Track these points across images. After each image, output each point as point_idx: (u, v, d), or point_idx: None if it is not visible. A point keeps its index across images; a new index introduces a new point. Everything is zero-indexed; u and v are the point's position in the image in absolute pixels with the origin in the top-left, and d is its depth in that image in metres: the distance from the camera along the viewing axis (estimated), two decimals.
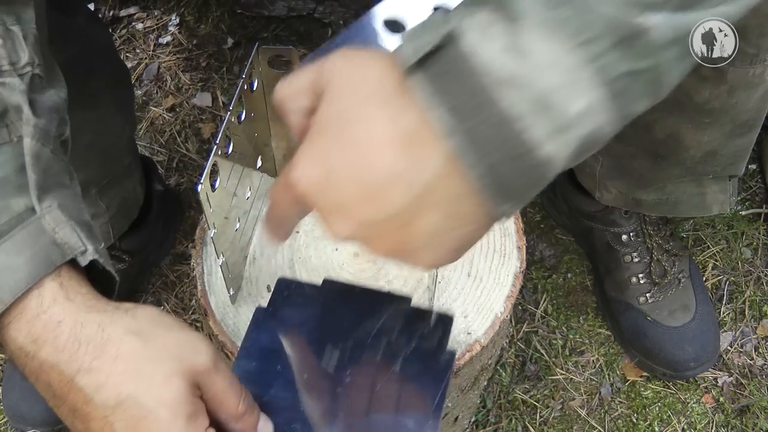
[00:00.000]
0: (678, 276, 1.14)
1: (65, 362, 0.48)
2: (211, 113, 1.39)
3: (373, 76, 0.44)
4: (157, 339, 0.50)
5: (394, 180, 0.43)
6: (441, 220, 0.44)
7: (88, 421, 0.49)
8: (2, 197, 0.50)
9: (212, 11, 1.48)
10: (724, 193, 1.00)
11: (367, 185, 0.43)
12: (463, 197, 0.43)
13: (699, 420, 1.13)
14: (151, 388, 0.48)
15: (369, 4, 0.65)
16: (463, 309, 0.75)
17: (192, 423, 0.48)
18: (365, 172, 0.43)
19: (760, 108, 0.85)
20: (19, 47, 0.53)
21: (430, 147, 0.42)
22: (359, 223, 0.44)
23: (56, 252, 0.50)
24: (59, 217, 0.51)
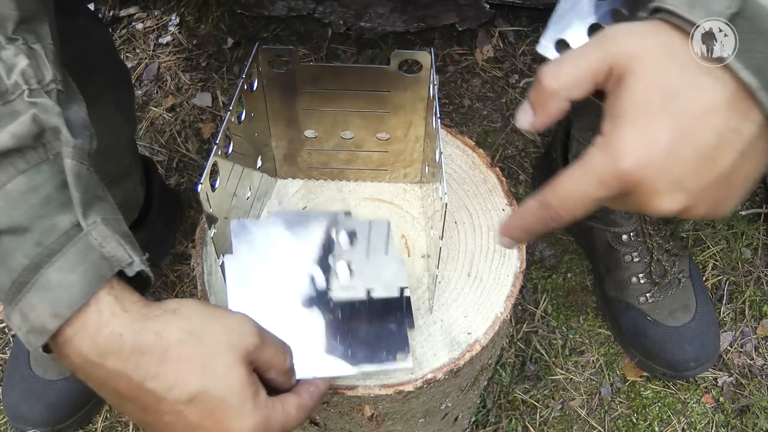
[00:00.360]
0: (678, 276, 1.14)
1: (132, 370, 0.52)
2: (211, 113, 1.39)
3: (677, 49, 0.46)
4: (209, 333, 0.54)
5: (725, 141, 0.46)
6: (752, 168, 0.48)
7: (161, 415, 0.53)
8: (48, 216, 0.52)
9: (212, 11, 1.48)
10: None
11: (704, 152, 0.46)
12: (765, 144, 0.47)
13: (699, 420, 1.13)
14: (217, 380, 0.53)
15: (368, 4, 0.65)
16: (463, 309, 0.76)
17: (256, 400, 0.54)
18: (702, 140, 0.46)
19: None
20: (42, 65, 0.54)
21: (748, 104, 0.45)
22: (691, 192, 0.47)
23: (106, 266, 0.52)
24: (104, 232, 0.53)
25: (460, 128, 1.37)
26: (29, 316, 0.51)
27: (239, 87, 0.68)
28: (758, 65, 0.45)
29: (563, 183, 0.49)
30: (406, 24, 1.41)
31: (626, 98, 0.47)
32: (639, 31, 0.48)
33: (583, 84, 0.49)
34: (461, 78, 1.43)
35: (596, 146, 0.48)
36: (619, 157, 0.46)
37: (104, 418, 1.12)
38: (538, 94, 0.50)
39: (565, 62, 0.49)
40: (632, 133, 0.46)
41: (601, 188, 0.48)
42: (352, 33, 1.43)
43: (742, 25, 0.45)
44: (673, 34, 0.47)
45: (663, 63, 0.46)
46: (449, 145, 0.86)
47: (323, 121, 0.78)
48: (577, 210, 0.50)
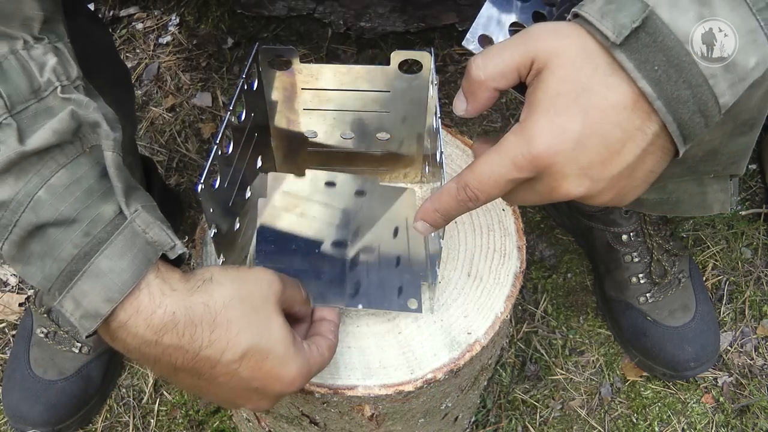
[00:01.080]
0: (678, 276, 1.14)
1: (188, 343, 0.56)
2: (211, 113, 1.39)
3: (591, 51, 0.51)
4: (244, 292, 0.58)
5: (630, 138, 0.51)
6: (653, 164, 0.54)
7: (214, 378, 0.58)
8: (93, 207, 0.54)
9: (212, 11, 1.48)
10: (725, 193, 0.99)
11: (609, 144, 0.51)
12: (666, 146, 0.53)
13: (699, 420, 1.13)
14: (262, 333, 0.58)
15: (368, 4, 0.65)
16: (463, 309, 0.75)
17: (297, 345, 0.60)
18: (608, 133, 0.51)
19: (761, 107, 0.85)
20: (67, 62, 0.56)
21: (650, 107, 0.50)
22: (596, 180, 0.52)
23: (151, 250, 0.56)
24: (147, 219, 0.56)
25: (460, 128, 1.37)
26: (82, 303, 0.54)
27: (239, 87, 0.68)
28: (656, 77, 0.49)
29: (481, 165, 0.53)
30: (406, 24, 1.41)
31: (542, 90, 0.51)
32: (559, 31, 0.52)
33: (507, 75, 0.54)
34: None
35: (512, 132, 0.52)
36: (532, 141, 0.51)
37: (104, 418, 1.12)
38: (469, 85, 0.55)
39: (491, 55, 0.54)
40: (544, 120, 0.51)
41: (515, 170, 0.52)
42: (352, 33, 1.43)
43: (644, 38, 0.49)
44: (588, 38, 0.51)
45: (577, 61, 0.51)
46: (449, 145, 0.86)
47: (323, 121, 0.78)
48: (494, 190, 0.54)
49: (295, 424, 0.81)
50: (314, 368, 0.62)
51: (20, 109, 0.53)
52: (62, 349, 1.09)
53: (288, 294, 0.62)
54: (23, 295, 1.22)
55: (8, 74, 0.53)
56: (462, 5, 1.40)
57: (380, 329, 0.75)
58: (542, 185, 0.53)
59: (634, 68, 0.50)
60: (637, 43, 0.49)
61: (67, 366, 1.08)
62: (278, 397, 0.60)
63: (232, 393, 0.59)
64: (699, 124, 0.51)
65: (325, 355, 0.64)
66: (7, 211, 0.53)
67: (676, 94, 0.50)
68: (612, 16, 0.50)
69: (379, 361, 0.72)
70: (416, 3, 1.37)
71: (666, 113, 0.50)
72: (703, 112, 0.51)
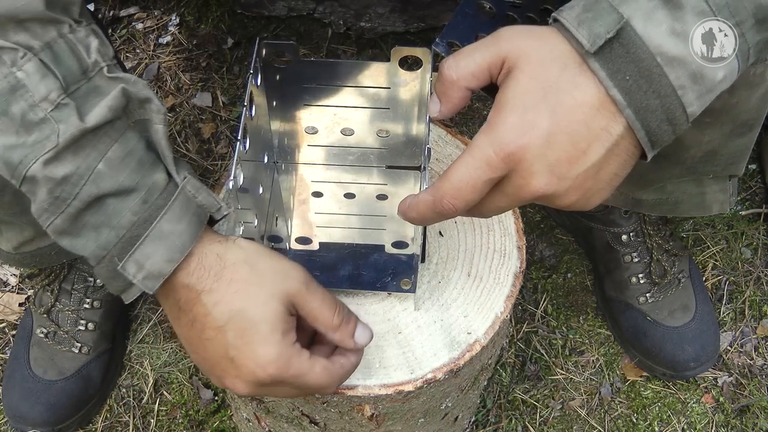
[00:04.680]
0: (678, 276, 1.14)
1: (194, 283, 0.58)
2: (211, 113, 1.39)
3: (561, 52, 0.52)
4: (259, 267, 0.60)
5: (595, 137, 0.52)
6: (617, 166, 0.54)
7: (204, 329, 0.59)
8: (148, 176, 0.57)
9: (212, 11, 1.48)
10: (724, 193, 1.00)
11: (576, 142, 0.52)
12: (631, 150, 0.53)
13: (699, 420, 1.13)
14: (256, 306, 0.58)
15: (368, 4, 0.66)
16: (463, 309, 0.76)
17: (285, 337, 0.59)
18: (575, 131, 0.51)
19: (760, 107, 0.85)
20: (105, 43, 0.59)
21: (616, 109, 0.52)
22: (563, 178, 0.53)
23: (202, 213, 0.59)
24: (195, 184, 0.59)
25: (460, 128, 1.37)
26: (145, 265, 0.57)
27: (249, 81, 0.68)
28: (627, 87, 0.51)
29: (454, 172, 0.54)
30: (406, 24, 1.41)
31: (511, 89, 0.52)
32: (531, 33, 0.54)
33: (478, 75, 0.55)
34: None
35: (481, 132, 0.53)
36: (502, 138, 0.52)
37: (104, 418, 1.12)
38: (441, 85, 0.56)
39: (463, 56, 0.55)
40: (514, 117, 0.52)
41: (489, 169, 0.53)
42: (352, 33, 1.43)
43: (617, 49, 0.51)
44: (561, 40, 0.52)
45: (547, 61, 0.52)
46: (449, 145, 0.86)
47: (323, 117, 0.78)
48: (471, 195, 0.54)
49: (295, 424, 0.81)
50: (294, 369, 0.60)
51: (73, 90, 0.56)
52: (62, 349, 1.09)
53: (309, 304, 0.61)
54: (23, 295, 1.22)
55: (60, 57, 0.55)
56: None
57: (380, 329, 0.75)
58: (511, 185, 0.54)
59: (606, 77, 0.51)
60: (611, 53, 0.51)
61: (67, 366, 1.08)
62: (252, 379, 0.59)
63: (213, 355, 0.60)
64: (667, 132, 0.53)
65: (315, 369, 0.61)
66: (67, 185, 0.55)
67: (645, 103, 0.51)
68: (588, 25, 0.51)
69: (379, 361, 0.73)
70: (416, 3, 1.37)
71: (635, 120, 0.52)
72: (671, 120, 0.52)
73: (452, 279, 0.78)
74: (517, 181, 0.53)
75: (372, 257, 0.77)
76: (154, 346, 1.18)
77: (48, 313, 1.10)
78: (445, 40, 0.64)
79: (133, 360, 1.17)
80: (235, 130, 0.67)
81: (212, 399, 1.13)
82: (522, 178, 0.53)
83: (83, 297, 1.10)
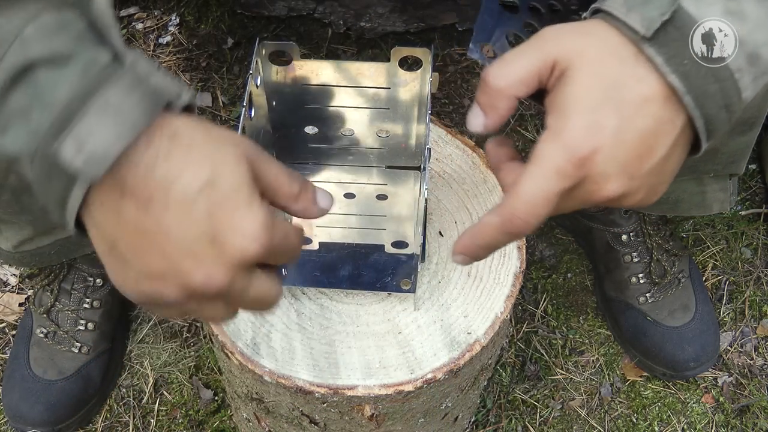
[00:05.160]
0: (678, 276, 1.14)
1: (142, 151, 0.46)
2: (211, 113, 1.39)
3: (614, 44, 0.49)
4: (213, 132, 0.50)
5: (662, 130, 0.50)
6: (678, 160, 0.52)
7: (167, 210, 0.47)
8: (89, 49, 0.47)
9: (212, 11, 1.48)
10: (724, 192, 0.99)
11: (645, 138, 0.49)
12: (688, 141, 0.52)
13: (699, 420, 1.13)
14: (228, 169, 0.48)
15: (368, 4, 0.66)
16: (463, 309, 0.76)
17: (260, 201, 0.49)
18: (643, 127, 0.49)
19: (761, 106, 0.85)
20: None
21: (678, 101, 0.49)
22: (633, 177, 0.50)
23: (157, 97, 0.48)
24: (148, 65, 0.48)
25: (460, 128, 1.37)
26: (87, 143, 0.45)
27: (248, 82, 0.68)
28: (685, 71, 0.48)
29: (525, 187, 0.50)
30: (406, 24, 1.41)
31: (570, 91, 0.49)
32: (576, 30, 0.51)
33: (528, 82, 0.51)
34: (461, 78, 1.43)
35: (546, 141, 0.50)
36: (572, 144, 0.49)
37: (104, 418, 1.12)
38: (486, 96, 0.52)
39: (509, 62, 0.51)
40: (580, 121, 0.49)
41: (562, 180, 0.49)
42: (352, 33, 1.43)
43: (672, 33, 0.48)
44: (612, 32, 0.50)
45: (602, 57, 0.49)
46: (449, 145, 0.86)
47: (323, 117, 0.78)
48: (544, 210, 0.50)
49: (295, 424, 0.81)
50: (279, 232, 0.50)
51: None
52: (62, 349, 1.09)
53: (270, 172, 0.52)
54: (23, 295, 1.22)
55: None
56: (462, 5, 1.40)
57: (380, 329, 0.75)
58: (582, 190, 0.50)
59: (664, 62, 0.48)
60: (666, 38, 0.48)
61: (66, 366, 1.08)
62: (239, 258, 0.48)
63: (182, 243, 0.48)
64: (723, 120, 0.50)
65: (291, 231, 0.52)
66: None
67: (704, 88, 0.49)
68: (639, 10, 0.49)
69: (379, 361, 0.73)
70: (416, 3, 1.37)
71: (694, 108, 0.49)
72: (728, 107, 0.50)
73: (452, 279, 0.78)
74: (590, 187, 0.50)
75: (372, 257, 0.77)
76: (154, 346, 1.18)
77: (48, 313, 1.10)
78: (478, 43, 0.62)
79: (133, 360, 1.17)
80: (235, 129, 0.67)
81: (212, 399, 1.13)
82: (595, 183, 0.50)
83: (83, 297, 1.10)
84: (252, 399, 0.81)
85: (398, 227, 0.78)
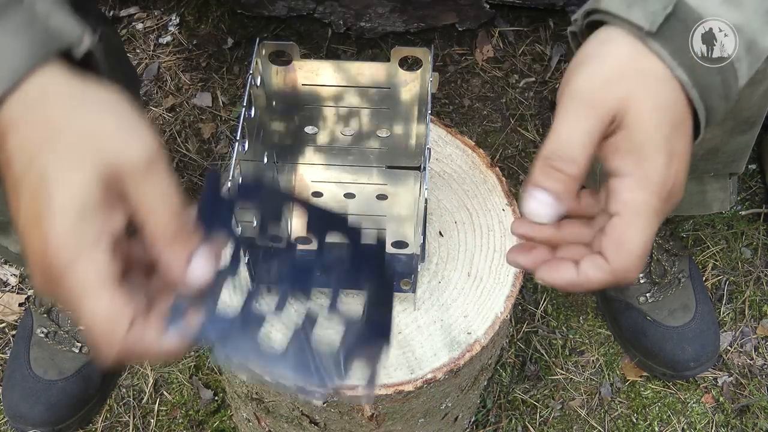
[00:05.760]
0: (678, 276, 1.14)
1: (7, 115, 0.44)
2: (211, 113, 1.39)
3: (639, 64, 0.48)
4: (94, 118, 0.44)
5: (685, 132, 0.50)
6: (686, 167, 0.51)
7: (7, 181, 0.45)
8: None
9: (212, 11, 1.48)
10: (724, 191, 1.00)
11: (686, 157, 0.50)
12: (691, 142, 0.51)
13: (699, 420, 1.13)
14: (62, 168, 0.43)
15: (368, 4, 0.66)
16: (463, 309, 0.76)
17: (84, 220, 0.42)
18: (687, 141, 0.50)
19: (761, 105, 0.85)
20: None
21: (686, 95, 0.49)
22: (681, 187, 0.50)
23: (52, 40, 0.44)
24: (53, 3, 0.45)
25: (460, 128, 1.37)
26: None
27: (248, 82, 0.68)
28: (690, 64, 0.48)
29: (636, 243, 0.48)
30: (406, 24, 1.41)
31: (637, 135, 0.48)
32: (610, 76, 0.49)
33: (591, 151, 0.49)
34: (461, 78, 1.43)
35: (634, 189, 0.48)
36: (663, 183, 0.48)
37: (104, 418, 1.12)
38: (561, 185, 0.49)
39: (572, 145, 0.48)
40: (659, 159, 0.48)
41: (658, 219, 0.49)
42: (352, 33, 1.43)
43: (675, 26, 0.48)
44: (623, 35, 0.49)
45: (643, 83, 0.49)
46: (449, 145, 0.86)
47: (323, 117, 0.78)
48: (646, 256, 0.49)
49: (295, 424, 0.81)
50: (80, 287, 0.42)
51: None
52: (62, 349, 1.09)
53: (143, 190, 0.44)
54: (23, 295, 1.22)
55: None
56: (462, 5, 1.40)
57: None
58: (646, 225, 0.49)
59: (669, 56, 0.48)
60: (670, 31, 0.48)
61: (67, 366, 1.08)
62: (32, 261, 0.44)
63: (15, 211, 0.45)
64: (721, 110, 0.51)
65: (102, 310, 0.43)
66: None
67: (708, 80, 0.49)
68: (641, 6, 0.48)
69: None
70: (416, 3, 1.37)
71: (699, 101, 0.49)
72: (727, 96, 0.50)
73: (452, 279, 0.78)
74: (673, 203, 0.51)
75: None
76: None
77: (48, 313, 1.10)
78: None
79: None
80: (235, 130, 0.67)
81: (212, 399, 1.13)
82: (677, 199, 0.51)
83: None
84: (252, 399, 0.81)
85: (398, 227, 0.78)
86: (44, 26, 0.44)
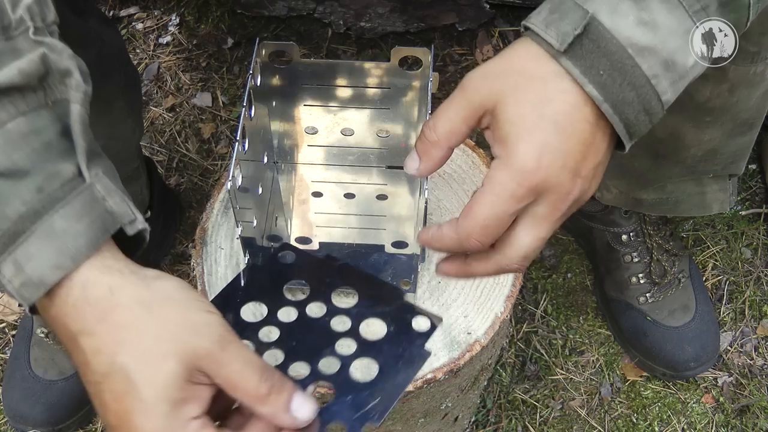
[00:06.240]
0: (678, 276, 1.14)
1: (71, 319, 0.47)
2: (211, 113, 1.39)
3: (532, 69, 0.52)
4: (160, 314, 0.48)
5: (596, 129, 0.53)
6: (610, 155, 0.55)
7: (86, 380, 0.49)
8: (51, 162, 0.48)
9: (212, 11, 1.48)
10: (724, 192, 1.00)
11: (585, 140, 0.52)
12: (613, 141, 0.54)
13: (699, 420, 1.13)
14: (145, 364, 0.47)
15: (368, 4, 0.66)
16: (463, 309, 0.75)
17: (176, 410, 0.47)
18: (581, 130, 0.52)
19: (760, 106, 0.85)
20: (44, 4, 0.50)
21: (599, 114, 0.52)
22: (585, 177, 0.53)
23: (110, 220, 0.48)
24: (108, 185, 0.49)
25: None
26: (25, 267, 0.47)
27: (248, 82, 0.68)
28: (602, 81, 0.51)
29: (480, 212, 0.53)
30: (406, 24, 1.41)
31: (506, 123, 0.52)
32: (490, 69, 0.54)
33: (457, 132, 0.55)
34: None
35: (497, 168, 0.53)
36: (523, 168, 0.51)
37: None
38: (422, 144, 0.57)
39: (440, 115, 0.56)
40: (524, 144, 0.52)
41: (515, 202, 0.52)
42: (352, 33, 1.43)
43: (587, 45, 0.51)
44: (533, 47, 0.53)
45: (524, 84, 0.52)
46: None
47: (323, 117, 0.78)
48: (498, 230, 0.54)
49: None
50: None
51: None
52: (62, 349, 1.09)
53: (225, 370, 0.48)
54: None
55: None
56: (462, 5, 1.40)
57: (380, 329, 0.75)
58: (545, 206, 0.53)
59: (580, 74, 0.51)
60: (581, 50, 0.51)
61: (67, 366, 1.08)
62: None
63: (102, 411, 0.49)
64: (644, 122, 0.53)
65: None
66: None
67: (621, 96, 0.51)
68: (555, 26, 0.51)
69: None
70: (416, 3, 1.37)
71: (612, 114, 0.52)
72: (647, 110, 0.52)
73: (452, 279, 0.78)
74: (552, 199, 0.53)
75: (372, 257, 0.76)
76: None
77: None
78: None
79: None
80: (235, 130, 0.67)
81: None
82: (555, 194, 0.53)
83: None
84: None
85: (398, 227, 0.78)
86: (104, 208, 0.48)
